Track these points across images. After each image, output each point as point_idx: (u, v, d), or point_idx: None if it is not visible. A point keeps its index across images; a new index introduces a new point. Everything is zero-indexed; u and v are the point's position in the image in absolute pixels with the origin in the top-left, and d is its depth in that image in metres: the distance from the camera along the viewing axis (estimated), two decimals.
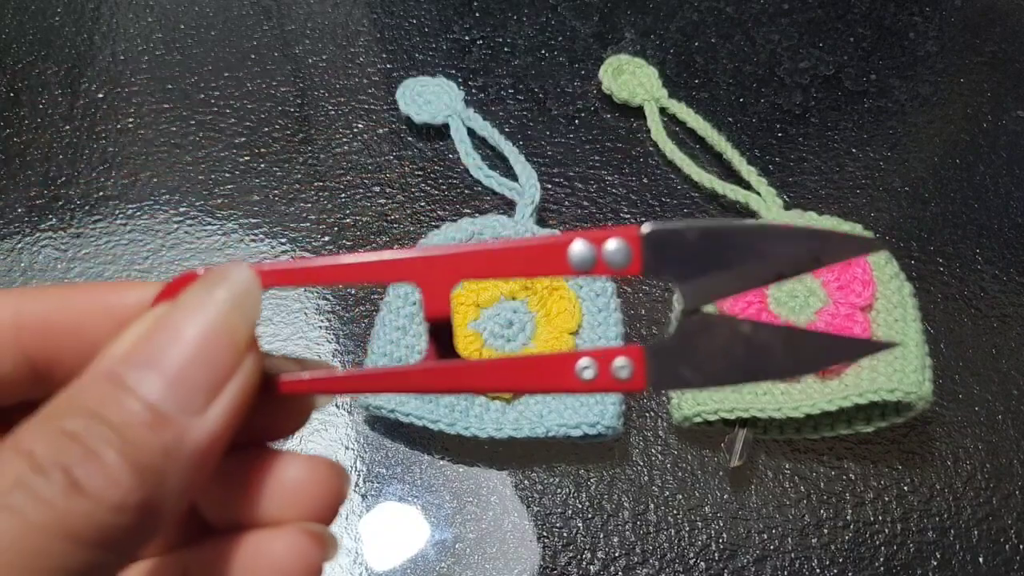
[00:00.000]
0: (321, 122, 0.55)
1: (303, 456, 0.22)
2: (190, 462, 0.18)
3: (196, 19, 0.59)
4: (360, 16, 0.60)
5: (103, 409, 0.18)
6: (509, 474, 0.44)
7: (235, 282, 0.20)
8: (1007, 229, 0.52)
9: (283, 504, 0.21)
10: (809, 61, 0.58)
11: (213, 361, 0.19)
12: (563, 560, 0.43)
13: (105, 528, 0.17)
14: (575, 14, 0.60)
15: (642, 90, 0.54)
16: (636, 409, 0.46)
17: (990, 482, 0.45)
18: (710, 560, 0.43)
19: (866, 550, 0.43)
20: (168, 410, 0.18)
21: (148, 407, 0.18)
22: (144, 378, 0.18)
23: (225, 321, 0.19)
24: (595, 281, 0.46)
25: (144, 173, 0.53)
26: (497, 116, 0.55)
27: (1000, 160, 0.54)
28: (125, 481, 0.17)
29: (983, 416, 0.46)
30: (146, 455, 0.17)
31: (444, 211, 0.52)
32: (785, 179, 0.53)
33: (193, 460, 0.18)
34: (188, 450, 0.18)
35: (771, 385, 0.44)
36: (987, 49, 0.59)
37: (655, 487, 0.44)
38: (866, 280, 0.44)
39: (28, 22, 0.59)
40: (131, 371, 0.18)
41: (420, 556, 0.43)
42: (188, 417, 0.18)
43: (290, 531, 0.21)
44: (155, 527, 0.18)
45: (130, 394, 0.18)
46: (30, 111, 0.55)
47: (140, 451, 0.17)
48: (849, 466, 0.45)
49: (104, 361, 0.19)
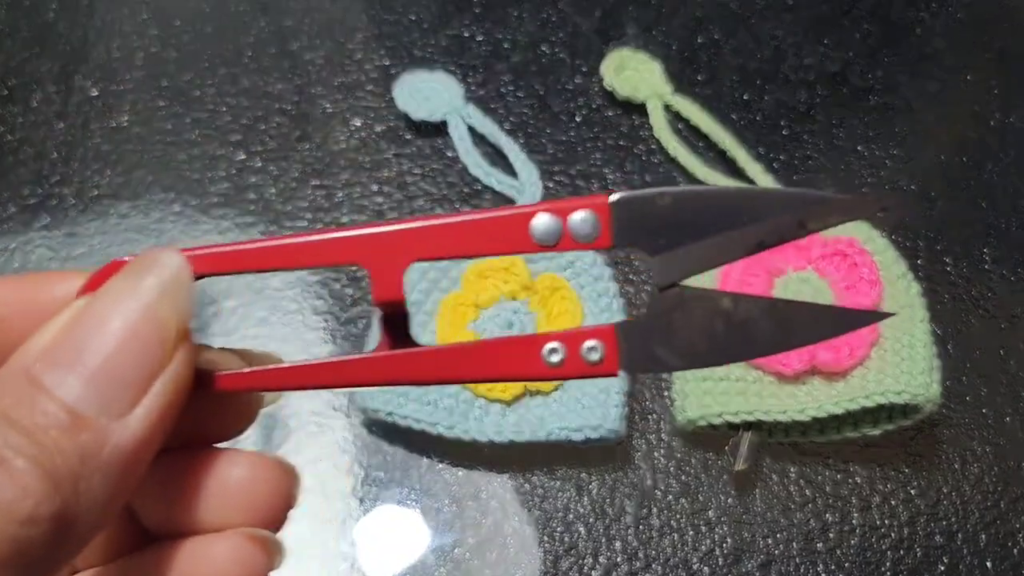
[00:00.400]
0: (318, 119, 0.54)
1: (247, 454, 0.21)
2: (113, 468, 0.17)
3: (191, 15, 0.59)
4: (358, 11, 0.59)
5: (14, 412, 0.16)
6: (509, 478, 0.44)
7: (164, 268, 0.18)
8: (1016, 228, 0.51)
9: (225, 506, 0.20)
10: (815, 57, 0.57)
11: (138, 356, 0.17)
12: (565, 565, 0.42)
13: (17, 543, 0.15)
14: (577, 9, 0.59)
15: (645, 86, 0.54)
16: (639, 412, 0.45)
17: (998, 485, 0.44)
18: (714, 565, 0.42)
19: (872, 555, 0.43)
20: (87, 411, 0.16)
21: (65, 409, 0.16)
22: (61, 377, 0.17)
23: (152, 311, 0.18)
24: (598, 281, 0.45)
25: (139, 171, 0.53)
26: (497, 113, 0.55)
27: (1008, 158, 0.53)
28: (36, 490, 0.15)
29: (991, 418, 0.46)
30: (61, 461, 0.16)
31: (443, 209, 0.51)
32: (790, 177, 0.52)
33: (116, 466, 0.17)
34: (110, 455, 0.17)
35: (777, 388, 0.43)
36: (995, 45, 0.58)
37: (658, 491, 0.44)
38: (873, 280, 0.44)
39: (21, 18, 0.59)
40: (47, 369, 0.17)
41: (419, 562, 0.42)
42: (110, 419, 0.17)
43: (233, 536, 0.20)
44: (77, 539, 0.17)
45: (46, 395, 0.16)
46: (23, 108, 0.55)
47: (54, 457, 0.16)
48: (855, 469, 0.44)
49: (19, 358, 0.17)
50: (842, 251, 0.45)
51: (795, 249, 0.45)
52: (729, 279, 0.44)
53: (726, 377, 0.43)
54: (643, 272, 0.49)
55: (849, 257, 0.45)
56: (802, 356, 0.42)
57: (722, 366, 0.43)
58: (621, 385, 0.43)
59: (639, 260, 0.49)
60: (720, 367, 0.44)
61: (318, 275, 0.49)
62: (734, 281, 0.44)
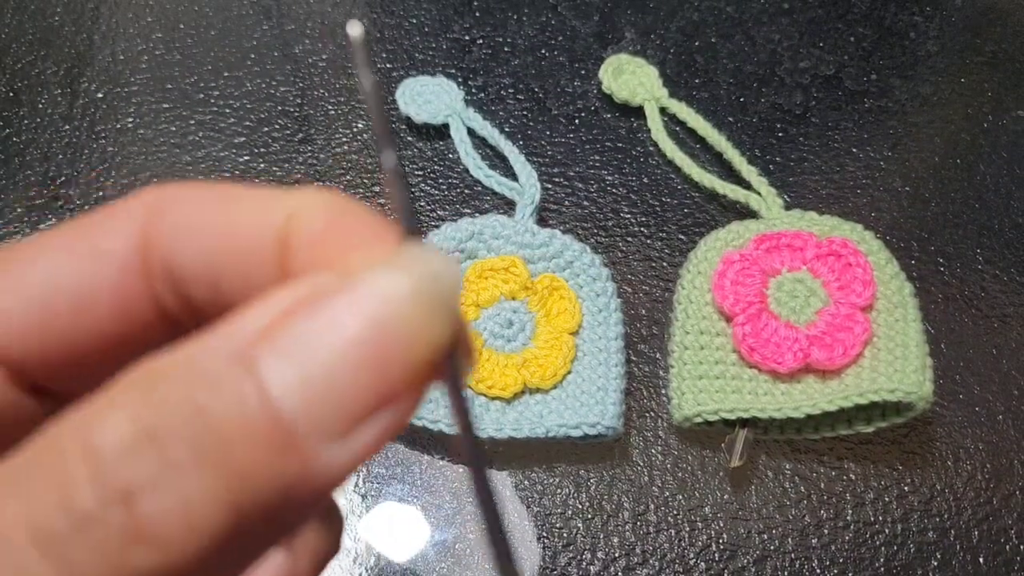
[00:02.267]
0: (321, 122, 0.55)
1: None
2: (308, 503, 0.13)
3: (196, 19, 0.59)
4: (360, 16, 0.60)
5: (212, 402, 0.12)
6: (509, 474, 0.44)
7: (433, 274, 0.14)
8: (1008, 229, 0.52)
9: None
10: (810, 61, 0.58)
11: (373, 374, 0.13)
12: (563, 560, 0.43)
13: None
14: (575, 13, 0.60)
15: (642, 90, 0.54)
16: (636, 409, 0.46)
17: (990, 482, 0.45)
18: (710, 560, 0.43)
19: (866, 550, 0.43)
20: (301, 424, 0.12)
21: (274, 416, 0.12)
22: (280, 372, 0.12)
23: (405, 325, 0.13)
24: (595, 281, 0.46)
25: (144, 173, 0.53)
26: (497, 116, 0.55)
27: (1001, 160, 0.54)
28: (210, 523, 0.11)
29: (983, 416, 0.46)
30: (253, 486, 0.12)
31: (444, 211, 0.52)
32: (785, 179, 0.53)
33: (311, 501, 0.13)
34: (312, 486, 0.12)
35: (771, 385, 0.44)
36: (988, 49, 0.59)
37: (655, 487, 0.44)
38: (867, 280, 0.44)
39: (27, 21, 0.59)
40: (264, 356, 0.12)
41: (420, 557, 0.43)
42: (322, 442, 0.12)
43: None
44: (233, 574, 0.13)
45: (256, 390, 0.12)
46: (29, 111, 0.55)
47: (246, 479, 0.12)
48: (849, 466, 0.45)
49: (230, 330, 0.13)
50: (836, 251, 0.45)
51: (790, 250, 0.46)
52: (724, 279, 0.45)
53: (722, 375, 0.44)
54: (642, 272, 0.50)
55: (843, 257, 0.45)
56: (796, 354, 0.43)
57: (717, 364, 0.44)
58: (619, 383, 0.44)
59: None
60: (715, 365, 0.44)
61: None
62: (729, 281, 0.45)
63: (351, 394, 0.13)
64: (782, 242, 0.46)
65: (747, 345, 0.43)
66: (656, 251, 0.51)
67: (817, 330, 0.44)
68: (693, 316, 0.45)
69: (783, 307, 0.44)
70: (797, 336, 0.43)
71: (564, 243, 0.46)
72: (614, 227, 0.51)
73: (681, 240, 0.51)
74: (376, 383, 0.13)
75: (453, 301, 0.14)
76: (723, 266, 0.45)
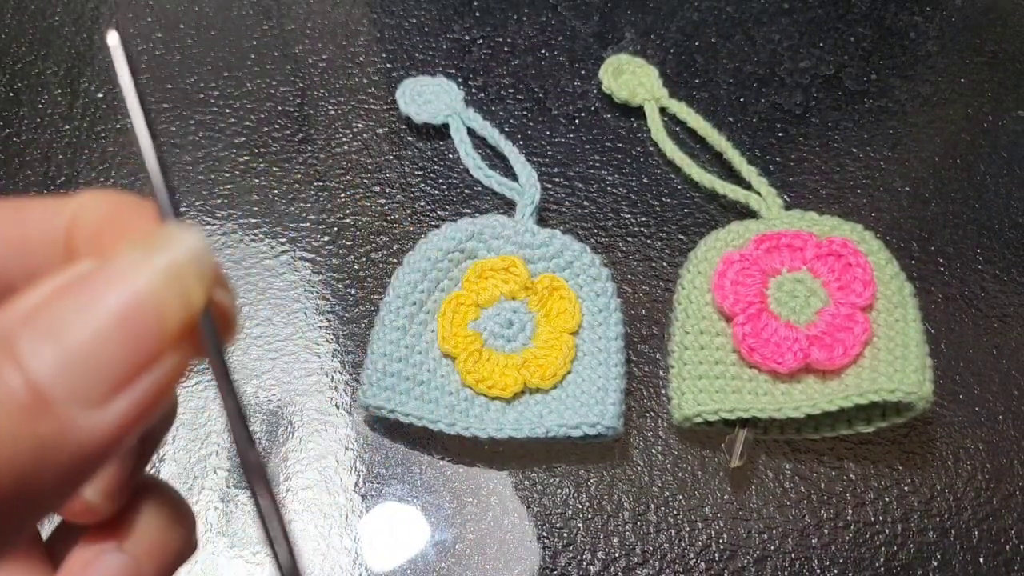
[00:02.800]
0: (321, 122, 0.55)
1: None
2: (70, 465, 0.14)
3: (196, 19, 0.59)
4: (360, 16, 0.60)
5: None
6: (509, 474, 0.44)
7: (179, 248, 0.16)
8: (1008, 229, 0.52)
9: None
10: (810, 61, 0.58)
11: (129, 343, 0.15)
12: (563, 560, 0.43)
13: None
14: (575, 14, 0.60)
15: (642, 90, 0.54)
16: (636, 409, 0.46)
17: (990, 482, 0.45)
18: (710, 561, 0.43)
19: (866, 551, 0.43)
20: (55, 394, 0.14)
21: (29, 385, 0.14)
22: (39, 347, 0.14)
23: (156, 296, 0.15)
24: (595, 281, 0.46)
25: (143, 173, 0.53)
26: (497, 116, 0.55)
27: (1001, 160, 0.54)
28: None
29: (983, 416, 0.46)
30: (11, 447, 0.14)
31: (444, 211, 0.52)
32: (785, 179, 0.53)
33: (74, 463, 0.14)
34: (70, 451, 0.14)
35: (771, 385, 0.44)
36: (988, 49, 0.59)
37: (655, 487, 0.44)
38: (867, 280, 0.44)
39: (27, 22, 0.59)
40: (26, 335, 0.14)
41: (420, 557, 0.43)
42: (80, 408, 0.14)
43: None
44: (10, 539, 0.15)
45: (13, 364, 0.14)
46: (29, 111, 0.55)
47: (4, 440, 0.14)
48: (849, 466, 0.45)
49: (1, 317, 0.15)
50: (836, 251, 0.45)
51: (790, 250, 0.46)
52: (724, 279, 0.45)
53: (722, 375, 0.44)
54: (642, 272, 0.50)
55: (843, 257, 0.45)
56: (796, 354, 0.43)
57: (717, 364, 0.44)
58: (619, 383, 0.44)
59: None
60: (715, 365, 0.44)
61: (321, 275, 0.50)
62: (729, 281, 0.45)
63: (106, 364, 0.14)
64: (782, 242, 0.46)
65: (747, 345, 0.43)
66: (656, 251, 0.51)
67: (817, 330, 0.44)
68: (693, 316, 0.45)
69: (783, 307, 0.44)
70: (797, 336, 0.43)
71: (564, 243, 0.47)
72: (614, 227, 0.51)
73: (681, 240, 0.51)
74: (130, 353, 0.15)
75: (202, 271, 0.16)
76: (723, 266, 0.45)
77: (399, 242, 0.51)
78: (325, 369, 0.47)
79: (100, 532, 0.20)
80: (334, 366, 0.47)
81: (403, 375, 0.43)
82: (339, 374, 0.47)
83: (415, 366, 0.44)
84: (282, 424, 0.46)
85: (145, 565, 0.20)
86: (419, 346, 0.44)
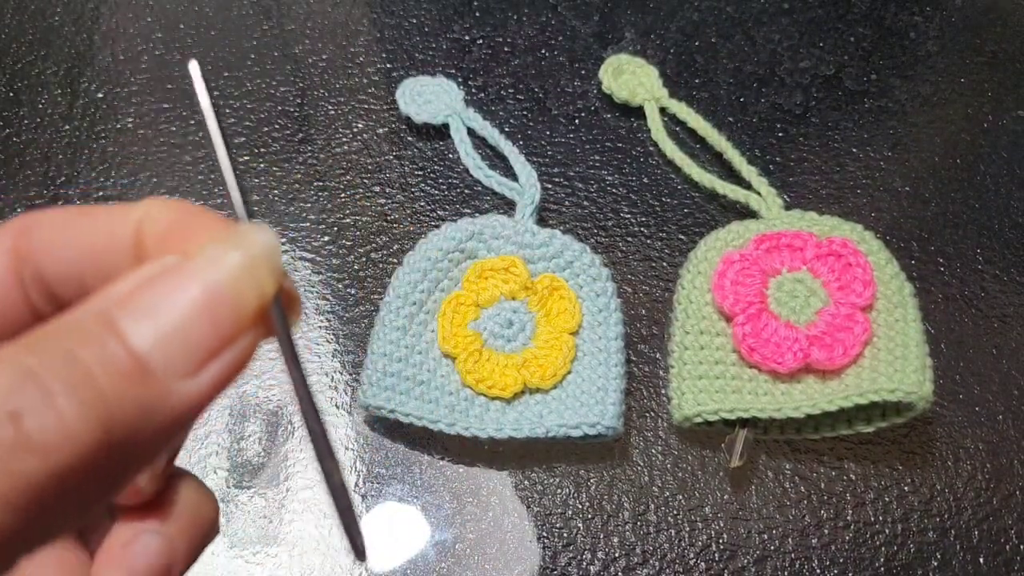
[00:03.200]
0: (321, 122, 0.55)
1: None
2: (168, 425, 0.17)
3: (196, 19, 0.59)
4: (360, 16, 0.60)
5: (81, 349, 0.16)
6: (509, 474, 0.44)
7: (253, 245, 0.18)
8: (1008, 229, 0.52)
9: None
10: (810, 61, 0.58)
11: (213, 325, 0.17)
12: (563, 560, 0.43)
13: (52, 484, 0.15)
14: (575, 14, 0.60)
15: (642, 90, 0.54)
16: (636, 409, 0.46)
17: (990, 482, 0.45)
18: (710, 560, 0.43)
19: (867, 550, 0.43)
20: (155, 364, 0.16)
21: (132, 356, 0.16)
22: (137, 325, 0.16)
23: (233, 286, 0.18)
24: (595, 281, 0.46)
25: (144, 173, 0.53)
26: (497, 116, 0.55)
27: (1001, 160, 0.54)
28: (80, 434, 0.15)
29: (983, 416, 0.46)
30: (118, 408, 0.16)
31: (444, 211, 0.52)
32: (785, 179, 0.53)
33: (171, 423, 0.17)
34: (168, 413, 0.16)
35: (771, 385, 0.44)
36: (988, 49, 0.59)
37: (655, 487, 0.44)
38: (867, 280, 0.44)
39: (27, 22, 0.59)
40: (125, 315, 0.17)
41: (420, 557, 0.43)
42: (175, 379, 0.17)
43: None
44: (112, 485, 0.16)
45: (117, 339, 0.16)
46: (29, 111, 0.55)
47: (111, 403, 0.16)
48: (849, 466, 0.45)
49: (97, 301, 0.17)
50: (836, 252, 0.45)
51: (790, 250, 0.46)
52: (724, 279, 0.45)
53: (722, 375, 0.44)
54: (642, 272, 0.50)
55: (843, 257, 0.45)
56: (796, 354, 0.43)
57: (717, 364, 0.44)
58: (619, 383, 0.44)
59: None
60: (715, 365, 0.44)
61: (321, 275, 0.50)
62: (729, 281, 0.45)
63: (194, 340, 0.17)
64: (782, 242, 0.46)
65: (747, 345, 0.43)
66: (656, 251, 0.51)
67: (817, 330, 0.44)
68: (693, 316, 0.45)
69: (783, 307, 0.44)
70: (797, 336, 0.43)
71: (564, 243, 0.47)
72: (614, 227, 0.51)
73: (681, 240, 0.51)
74: (213, 331, 0.17)
75: (273, 264, 0.19)
76: (723, 266, 0.45)
77: (399, 242, 0.51)
78: (325, 369, 0.47)
79: (136, 514, 0.22)
80: (334, 366, 0.47)
81: (403, 375, 0.43)
82: (339, 374, 0.47)
83: (415, 366, 0.44)
84: (282, 424, 0.46)
85: (178, 544, 0.22)
86: (419, 346, 0.44)
